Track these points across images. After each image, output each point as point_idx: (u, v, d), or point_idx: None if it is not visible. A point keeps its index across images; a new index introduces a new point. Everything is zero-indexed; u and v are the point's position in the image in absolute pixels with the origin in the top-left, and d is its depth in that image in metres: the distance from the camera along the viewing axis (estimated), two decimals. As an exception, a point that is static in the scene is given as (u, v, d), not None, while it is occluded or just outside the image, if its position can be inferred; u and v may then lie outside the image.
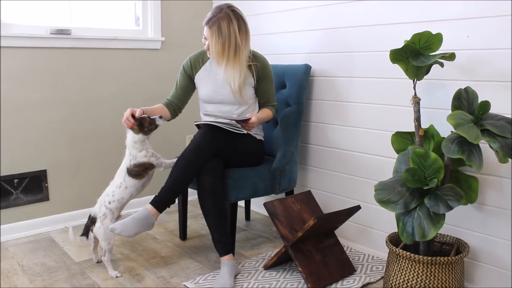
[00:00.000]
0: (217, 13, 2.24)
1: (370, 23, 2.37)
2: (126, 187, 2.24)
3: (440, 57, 1.81)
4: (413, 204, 1.77)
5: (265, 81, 2.42)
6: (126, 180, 2.24)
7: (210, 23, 2.25)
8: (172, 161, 2.29)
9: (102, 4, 2.97)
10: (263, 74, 2.40)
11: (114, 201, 2.23)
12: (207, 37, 2.28)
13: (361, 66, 2.44)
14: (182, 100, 2.49)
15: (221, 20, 2.22)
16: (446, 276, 1.81)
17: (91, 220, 2.23)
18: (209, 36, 2.26)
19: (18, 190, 2.70)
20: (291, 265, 2.35)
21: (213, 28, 2.23)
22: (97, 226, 2.21)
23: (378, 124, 2.39)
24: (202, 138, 2.18)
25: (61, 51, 2.76)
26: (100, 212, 2.21)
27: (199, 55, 2.47)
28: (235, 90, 2.32)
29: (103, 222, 2.19)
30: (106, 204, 2.22)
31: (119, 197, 2.24)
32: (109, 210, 2.21)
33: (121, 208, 2.28)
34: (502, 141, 1.69)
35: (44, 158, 2.77)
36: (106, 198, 2.24)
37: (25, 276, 2.24)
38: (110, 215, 2.21)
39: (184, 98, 2.50)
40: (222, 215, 2.19)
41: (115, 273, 2.24)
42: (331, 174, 2.68)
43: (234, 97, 2.34)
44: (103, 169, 3.00)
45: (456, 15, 2.02)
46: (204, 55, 2.45)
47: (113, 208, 2.22)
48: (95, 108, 2.93)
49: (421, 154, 1.79)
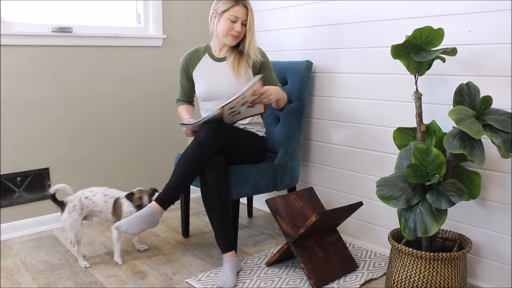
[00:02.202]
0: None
1: (372, 19, 2.36)
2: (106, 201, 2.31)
3: (441, 52, 1.80)
4: (415, 200, 1.76)
5: (266, 69, 2.41)
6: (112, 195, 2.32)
7: (246, 1, 2.28)
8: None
9: (104, 2, 2.97)
10: (263, 62, 2.40)
11: (90, 200, 2.27)
12: (241, 16, 2.27)
13: (363, 62, 2.43)
14: (190, 96, 2.57)
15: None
16: (448, 272, 1.81)
17: (61, 203, 2.26)
18: (248, 13, 2.28)
19: (21, 188, 2.71)
20: (294, 262, 2.35)
21: (249, 4, 2.29)
22: (65, 216, 2.25)
23: (379, 120, 2.39)
24: (206, 135, 2.17)
25: (63, 49, 2.77)
26: (73, 202, 2.24)
27: (193, 52, 2.47)
28: (255, 60, 2.35)
29: (70, 214, 2.23)
30: (83, 198, 2.26)
31: (97, 201, 2.29)
32: (80, 206, 2.25)
33: (89, 212, 2.30)
34: (504, 136, 1.68)
35: (47, 156, 2.78)
36: (86, 193, 2.28)
37: (28, 274, 2.25)
38: (79, 210, 2.24)
39: (192, 95, 2.57)
40: (226, 212, 2.19)
41: (85, 263, 2.29)
42: (333, 171, 2.67)
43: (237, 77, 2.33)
44: (105, 167, 3.01)
45: (458, 10, 2.01)
46: (199, 52, 2.46)
47: (84, 205, 2.26)
48: (97, 105, 2.94)
49: (423, 150, 1.78)
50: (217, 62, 2.41)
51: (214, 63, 2.41)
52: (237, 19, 2.27)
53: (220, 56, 2.42)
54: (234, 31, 2.29)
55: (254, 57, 2.35)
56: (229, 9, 2.26)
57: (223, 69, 2.38)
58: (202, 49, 2.47)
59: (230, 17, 2.27)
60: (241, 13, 2.27)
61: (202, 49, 2.47)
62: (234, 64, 2.36)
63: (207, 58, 2.43)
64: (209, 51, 2.45)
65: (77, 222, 2.24)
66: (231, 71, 2.35)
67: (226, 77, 2.36)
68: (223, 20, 2.29)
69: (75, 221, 2.24)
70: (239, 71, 2.34)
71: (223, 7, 2.27)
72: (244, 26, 2.31)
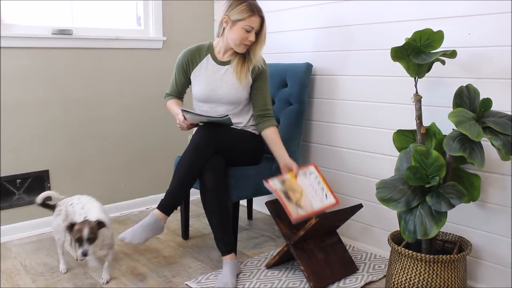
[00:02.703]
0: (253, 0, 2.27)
1: (371, 21, 2.36)
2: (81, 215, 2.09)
3: (441, 54, 1.80)
4: (415, 202, 1.76)
5: (264, 78, 2.38)
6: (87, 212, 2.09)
7: (262, 12, 2.27)
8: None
9: (104, 4, 2.97)
10: (263, 70, 2.37)
11: (73, 209, 2.14)
12: (256, 26, 2.25)
13: (363, 64, 2.43)
14: (182, 93, 2.53)
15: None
16: (448, 275, 1.81)
17: (52, 206, 2.25)
18: (263, 23, 2.28)
19: (20, 190, 2.71)
20: (293, 264, 2.34)
21: (264, 14, 2.28)
22: (52, 218, 2.24)
23: (379, 122, 2.39)
24: (201, 138, 2.17)
25: (63, 51, 2.77)
26: (60, 207, 2.22)
27: (196, 50, 2.41)
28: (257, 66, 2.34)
29: (56, 218, 2.22)
30: (68, 204, 2.19)
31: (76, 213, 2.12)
32: (65, 212, 2.18)
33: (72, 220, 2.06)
34: (504, 139, 1.68)
35: (46, 158, 2.78)
36: (74, 200, 2.20)
37: (28, 276, 2.24)
38: (63, 216, 2.18)
39: (184, 91, 2.53)
40: (225, 214, 2.19)
41: (63, 268, 2.27)
42: (333, 173, 2.67)
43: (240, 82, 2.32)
44: (105, 169, 3.01)
45: (458, 12, 2.01)
46: (201, 51, 2.40)
47: (68, 212, 2.16)
48: (97, 108, 2.94)
49: (423, 152, 1.78)
50: (219, 65, 2.37)
51: (216, 66, 2.37)
52: (252, 29, 2.25)
53: (223, 59, 2.38)
54: (247, 40, 2.27)
55: (256, 62, 2.35)
56: (246, 19, 2.22)
57: (225, 73, 2.35)
58: (205, 49, 2.40)
59: (245, 27, 2.23)
60: (257, 24, 2.25)
61: (205, 49, 2.40)
62: (237, 69, 2.33)
63: (209, 59, 2.39)
64: (212, 52, 2.39)
65: (59, 226, 2.18)
66: (234, 75, 2.33)
67: (228, 82, 2.33)
68: (237, 28, 2.24)
69: (58, 225, 2.19)
70: (241, 75, 2.33)
71: (239, 16, 2.22)
72: (256, 34, 2.29)
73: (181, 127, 2.28)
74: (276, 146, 2.32)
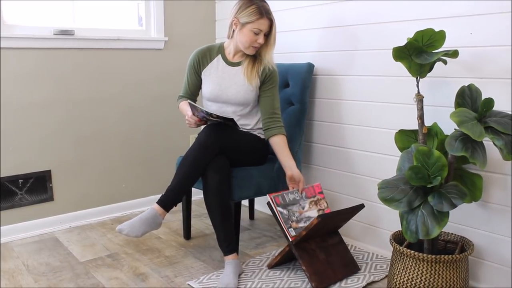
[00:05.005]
0: (263, 2, 2.26)
1: (373, 21, 2.36)
2: None
3: (443, 54, 1.80)
4: (417, 202, 1.76)
5: (273, 82, 2.37)
6: None
7: (271, 14, 2.27)
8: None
9: (105, 5, 2.98)
10: (273, 73, 2.37)
11: None
12: (265, 29, 2.25)
13: (364, 64, 2.43)
14: (195, 94, 2.52)
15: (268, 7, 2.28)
16: (450, 275, 1.81)
17: None
18: (272, 25, 2.27)
19: (22, 191, 2.71)
20: (295, 264, 2.34)
21: (273, 17, 2.28)
22: None
23: (381, 122, 2.39)
24: (207, 137, 2.17)
25: (65, 52, 2.77)
26: None
27: (206, 50, 2.43)
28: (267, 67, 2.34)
29: None
30: None
31: None
32: None
33: None
34: (506, 138, 1.68)
35: (49, 158, 2.78)
36: None
37: (30, 276, 2.25)
38: None
39: (197, 93, 2.52)
40: (228, 214, 2.19)
41: None
42: (334, 173, 2.67)
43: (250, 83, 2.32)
44: (107, 169, 3.01)
45: (459, 12, 2.01)
46: (212, 51, 2.42)
47: None
48: (99, 108, 2.94)
49: (425, 152, 1.78)
50: (229, 66, 2.38)
51: (227, 67, 2.38)
52: (260, 32, 2.25)
53: (234, 60, 2.38)
54: (256, 43, 2.27)
55: (267, 64, 2.34)
56: (254, 21, 2.22)
57: (235, 74, 2.36)
58: (216, 49, 2.42)
59: (254, 30, 2.23)
60: (265, 26, 2.25)
61: (216, 49, 2.42)
62: (247, 70, 2.33)
63: (219, 59, 2.40)
64: (223, 53, 2.41)
65: None
66: (244, 77, 2.33)
67: (237, 83, 2.34)
68: (246, 31, 2.24)
69: None
70: (251, 77, 2.33)
71: (247, 18, 2.22)
72: (266, 36, 2.29)
73: (189, 123, 2.27)
74: (284, 156, 2.30)
